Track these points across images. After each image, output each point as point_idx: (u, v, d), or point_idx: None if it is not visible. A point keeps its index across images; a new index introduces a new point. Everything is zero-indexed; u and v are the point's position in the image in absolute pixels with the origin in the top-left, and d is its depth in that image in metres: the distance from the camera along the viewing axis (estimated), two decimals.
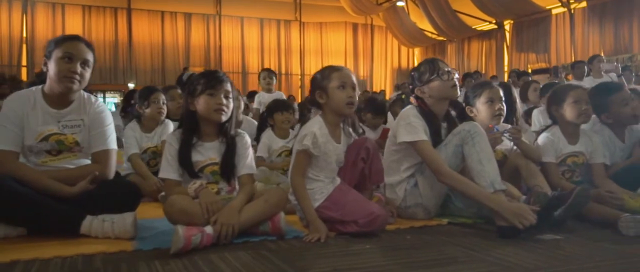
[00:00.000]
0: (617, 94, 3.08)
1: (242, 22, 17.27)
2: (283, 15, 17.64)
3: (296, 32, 17.86)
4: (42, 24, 15.78)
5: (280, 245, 2.26)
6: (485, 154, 2.56)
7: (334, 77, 2.51)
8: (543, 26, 14.70)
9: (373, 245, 2.26)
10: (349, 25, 18.43)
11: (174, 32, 16.68)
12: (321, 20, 18.07)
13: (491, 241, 2.33)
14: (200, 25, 16.96)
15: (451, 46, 17.48)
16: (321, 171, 2.52)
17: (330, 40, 18.29)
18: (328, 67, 2.60)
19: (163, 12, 16.58)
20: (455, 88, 2.74)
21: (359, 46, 18.62)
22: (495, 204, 2.42)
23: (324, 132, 2.51)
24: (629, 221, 2.44)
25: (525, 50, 15.30)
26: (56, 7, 15.83)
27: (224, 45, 17.07)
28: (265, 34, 17.52)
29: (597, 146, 3.04)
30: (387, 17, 17.60)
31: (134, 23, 16.38)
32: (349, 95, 2.50)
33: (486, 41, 16.52)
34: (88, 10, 16.09)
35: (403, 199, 2.77)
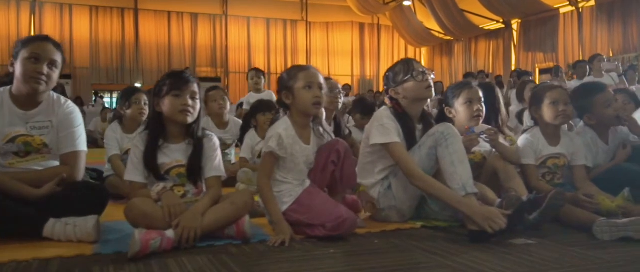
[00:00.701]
0: (600, 95, 3.01)
1: (249, 22, 17.28)
2: (289, 15, 17.63)
3: (302, 32, 17.84)
4: (50, 24, 15.91)
5: (243, 249, 2.22)
6: (458, 156, 2.50)
7: (300, 77, 2.47)
8: (551, 25, 14.55)
9: (338, 249, 2.22)
10: (356, 25, 18.37)
11: (180, 32, 16.73)
12: (328, 20, 18.02)
13: (461, 246, 2.28)
14: (207, 25, 16.99)
15: (458, 46, 17.36)
16: (289, 172, 2.49)
17: (336, 40, 18.23)
18: (294, 67, 2.56)
19: (170, 12, 16.63)
20: (430, 89, 2.69)
21: (366, 46, 18.54)
22: (466, 207, 2.37)
23: (290, 133, 2.47)
24: (604, 225, 2.38)
25: (533, 49, 15.16)
26: (64, 8, 15.94)
27: (230, 45, 17.09)
28: (271, 33, 17.52)
29: (578, 147, 2.98)
30: (394, 16, 17.51)
31: (140, 23, 16.45)
32: (316, 95, 2.46)
33: (493, 40, 16.38)
34: (95, 10, 16.19)
35: (377, 202, 2.72)
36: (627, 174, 2.83)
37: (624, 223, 2.35)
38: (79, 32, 16.04)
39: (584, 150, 2.98)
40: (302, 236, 2.42)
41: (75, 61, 15.93)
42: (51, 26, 15.86)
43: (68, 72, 15.87)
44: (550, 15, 14.50)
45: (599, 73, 7.18)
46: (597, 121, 3.08)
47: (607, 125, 3.07)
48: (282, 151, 2.43)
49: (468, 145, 2.77)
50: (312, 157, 2.55)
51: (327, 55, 18.08)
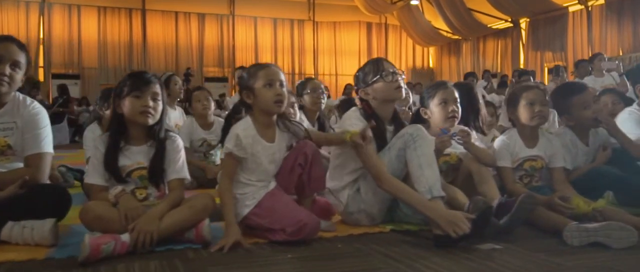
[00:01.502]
0: (578, 96, 2.94)
1: (256, 22, 17.27)
2: (296, 14, 17.59)
3: (309, 32, 17.79)
4: (59, 25, 16.02)
5: (201, 253, 2.19)
6: (426, 158, 2.45)
7: (260, 76, 2.42)
8: (560, 24, 14.37)
9: (297, 254, 2.18)
10: (363, 25, 18.28)
11: (187, 32, 16.77)
12: (335, 19, 17.95)
13: (424, 251, 2.23)
14: (214, 25, 17.01)
15: (466, 45, 17.22)
16: (252, 173, 2.44)
17: (343, 39, 18.16)
18: (254, 66, 2.51)
19: (177, 12, 16.68)
20: (400, 90, 2.64)
21: (373, 45, 18.44)
22: (431, 211, 2.32)
23: (249, 133, 2.42)
24: (574, 230, 2.31)
25: (542, 48, 14.98)
26: (72, 9, 16.04)
27: (237, 45, 17.10)
28: (278, 33, 17.49)
29: (556, 149, 2.91)
30: (402, 16, 17.41)
31: (148, 24, 16.52)
32: (277, 93, 2.41)
33: (502, 40, 16.23)
34: (103, 11, 16.28)
35: (346, 205, 2.67)
36: (606, 176, 2.75)
37: (595, 228, 2.28)
38: (87, 33, 16.13)
39: (562, 152, 2.90)
40: (264, 240, 2.38)
41: (83, 61, 16.04)
42: (60, 27, 15.97)
43: (76, 72, 16.02)
44: (559, 14, 14.33)
45: (600, 72, 7.05)
46: (575, 122, 3.01)
47: (586, 126, 2.99)
48: (241, 151, 2.38)
49: (440, 146, 2.71)
50: (278, 154, 2.50)
51: (334, 55, 18.00)
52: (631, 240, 2.23)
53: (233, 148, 2.38)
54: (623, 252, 2.20)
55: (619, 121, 3.22)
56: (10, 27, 15.62)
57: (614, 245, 2.24)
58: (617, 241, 2.23)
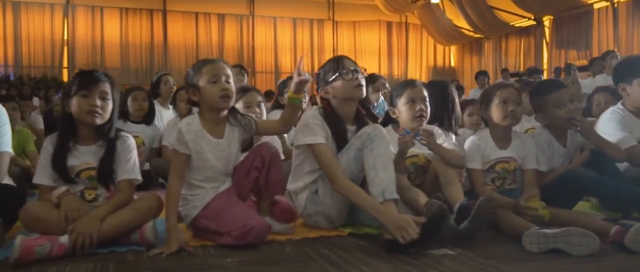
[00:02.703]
0: (553, 94, 2.80)
1: (275, 22, 17.25)
2: (316, 14, 17.51)
3: (329, 32, 17.69)
4: (82, 26, 16.26)
5: (141, 257, 2.14)
6: (381, 159, 2.36)
7: (204, 72, 2.37)
8: (585, 21, 13.94)
9: (238, 258, 2.12)
10: (383, 24, 18.08)
11: (207, 32, 16.84)
12: (355, 19, 17.82)
13: (372, 256, 2.15)
14: (234, 25, 17.05)
15: (488, 44, 16.88)
16: (200, 171, 2.38)
17: (363, 39, 18.00)
18: (199, 62, 2.46)
19: (197, 13, 16.76)
20: (360, 88, 2.55)
21: (393, 45, 18.23)
22: (381, 215, 2.24)
23: (193, 128, 2.36)
24: (533, 236, 2.21)
25: (566, 47, 14.57)
26: (95, 10, 16.27)
27: (256, 45, 17.10)
28: (298, 33, 17.44)
29: (530, 150, 2.78)
30: (422, 14, 17.18)
31: (169, 24, 16.64)
32: (222, 88, 2.35)
33: (524, 38, 15.85)
34: (125, 12, 16.47)
35: (304, 207, 2.60)
36: (580, 179, 2.61)
37: (554, 233, 2.17)
38: (110, 34, 16.35)
39: (535, 153, 2.78)
40: (213, 243, 2.33)
41: (106, 62, 16.24)
42: (83, 28, 16.22)
43: None
44: (584, 11, 13.91)
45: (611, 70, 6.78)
46: (549, 122, 2.87)
47: (561, 127, 2.85)
48: (182, 146, 2.33)
49: (403, 147, 2.63)
50: (228, 151, 2.44)
51: (354, 55, 17.80)
52: (591, 247, 2.11)
53: (175, 143, 2.33)
54: (582, 260, 2.09)
55: (601, 121, 3.07)
56: (36, 29, 15.95)
57: (573, 252, 2.12)
58: (577, 247, 2.12)
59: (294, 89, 2.40)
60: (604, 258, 2.10)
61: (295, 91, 2.40)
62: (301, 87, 2.39)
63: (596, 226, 2.36)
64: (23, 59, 15.86)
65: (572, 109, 2.77)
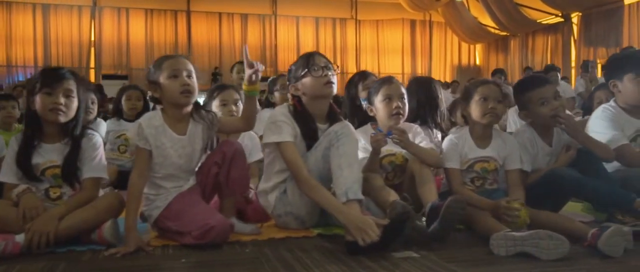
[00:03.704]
0: (536, 90, 2.68)
1: (298, 22, 17.21)
2: (339, 13, 17.40)
3: (352, 31, 17.55)
4: (109, 27, 16.52)
5: (96, 256, 2.12)
6: (347, 158, 2.30)
7: (165, 68, 2.34)
8: (615, 18, 13.51)
9: (193, 259, 2.09)
10: (407, 22, 17.85)
11: (231, 32, 16.91)
12: (377, 17, 17.65)
13: (329, 258, 2.09)
14: (256, 25, 17.08)
15: (514, 41, 16.53)
16: (161, 168, 2.35)
17: (386, 37, 17.81)
18: (160, 58, 2.43)
19: (220, 13, 16.84)
20: (329, 86, 2.49)
21: (417, 43, 17.98)
22: (342, 215, 2.18)
23: (155, 123, 2.33)
24: (500, 239, 2.12)
25: (595, 44, 14.15)
26: (121, 12, 16.51)
27: (279, 44, 17.10)
28: (320, 32, 17.36)
29: (511, 150, 2.67)
30: (446, 12, 16.91)
31: (193, 25, 16.76)
32: (183, 83, 2.32)
33: (552, 35, 15.46)
34: (150, 13, 16.66)
35: (274, 207, 2.55)
36: (563, 179, 2.49)
37: (522, 236, 2.07)
38: (135, 35, 16.56)
39: (518, 152, 2.66)
40: (175, 243, 2.29)
41: (131, 62, 16.48)
42: (109, 29, 16.47)
43: (125, 73, 16.47)
44: (614, 7, 13.47)
45: None
46: (533, 119, 2.75)
47: (545, 125, 2.73)
48: (142, 141, 2.30)
49: (375, 146, 2.55)
50: (190, 148, 2.41)
51: (376, 54, 17.69)
52: (561, 251, 2.01)
53: (135, 137, 2.31)
54: (550, 265, 1.99)
55: (592, 118, 2.95)
56: (64, 31, 16.27)
57: (542, 256, 2.02)
58: (546, 251, 2.02)
59: (247, 80, 2.35)
60: (574, 263, 2.00)
61: (250, 83, 2.35)
62: (255, 79, 2.34)
63: (575, 229, 2.26)
64: (52, 60, 16.18)
65: (557, 105, 2.64)
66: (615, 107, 2.90)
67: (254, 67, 2.30)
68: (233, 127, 2.58)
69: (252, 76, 2.32)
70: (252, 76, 2.32)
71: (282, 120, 2.44)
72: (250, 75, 2.32)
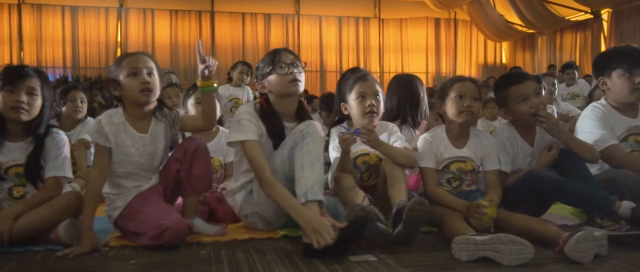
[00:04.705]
0: (514, 86, 2.56)
1: (321, 21, 17.12)
2: (362, 12, 17.24)
3: (375, 29, 17.36)
4: (134, 28, 16.75)
5: (49, 257, 2.10)
6: (309, 158, 2.23)
7: (124, 65, 2.31)
8: None
9: (143, 261, 2.05)
10: (431, 20, 17.56)
11: (254, 32, 16.94)
12: (401, 16, 17.41)
13: (284, 261, 2.03)
14: (279, 25, 17.07)
15: (542, 39, 16.13)
16: (121, 166, 2.32)
17: (410, 36, 17.55)
18: (121, 55, 2.40)
19: (244, 13, 16.89)
20: (295, 84, 2.42)
21: (441, 42, 17.67)
22: (300, 217, 2.12)
23: (115, 120, 2.31)
24: (462, 243, 2.02)
25: (626, 41, 13.64)
26: (146, 13, 16.72)
27: (302, 44, 17.03)
28: (343, 32, 17.22)
29: (489, 150, 2.56)
30: (472, 10, 16.59)
31: (216, 25, 16.87)
32: (142, 81, 2.28)
33: (581, 32, 15.03)
34: (175, 14, 16.83)
35: (241, 208, 2.50)
36: (541, 180, 2.37)
37: (483, 241, 1.97)
38: (160, 36, 16.75)
39: (495, 152, 2.56)
40: (135, 243, 2.26)
41: None
42: (135, 30, 16.70)
43: None
44: None
45: None
46: (512, 117, 2.63)
47: (526, 123, 2.61)
48: (101, 138, 2.28)
49: (343, 146, 2.47)
50: (153, 146, 2.38)
51: (400, 53, 17.45)
52: (523, 256, 1.91)
53: (94, 134, 2.28)
54: (511, 271, 1.87)
55: (581, 117, 2.81)
56: (91, 32, 16.54)
57: (504, 261, 1.92)
58: (507, 256, 1.92)
59: (200, 76, 2.31)
60: (536, 269, 1.90)
61: (204, 78, 2.30)
62: (208, 74, 2.29)
63: (548, 233, 2.15)
64: (80, 60, 16.50)
65: (537, 103, 2.52)
66: (606, 105, 2.76)
67: (206, 62, 2.24)
68: (194, 125, 2.53)
69: (205, 71, 2.26)
70: (205, 71, 2.26)
71: (246, 119, 2.39)
72: (202, 71, 2.27)
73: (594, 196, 2.28)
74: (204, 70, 2.27)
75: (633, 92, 2.66)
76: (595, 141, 2.63)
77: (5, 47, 16.02)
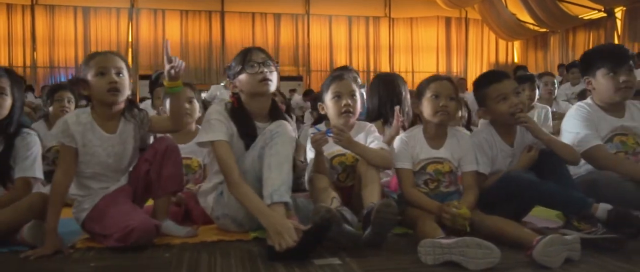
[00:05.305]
0: (493, 86, 2.50)
1: (330, 20, 17.08)
2: (372, 11, 17.16)
3: (385, 29, 17.28)
4: (146, 28, 16.85)
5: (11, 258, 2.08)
6: (277, 158, 2.19)
7: (93, 65, 2.28)
8: None
9: (104, 263, 2.03)
10: (441, 20, 17.43)
11: (264, 32, 16.95)
12: (412, 15, 17.30)
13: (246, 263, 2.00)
14: (289, 24, 17.06)
15: (554, 38, 15.91)
16: (88, 166, 2.29)
17: (421, 35, 17.43)
18: (90, 54, 2.37)
19: (254, 13, 16.91)
20: (265, 83, 2.37)
21: (452, 41, 17.54)
22: (264, 219, 2.08)
23: (82, 120, 2.28)
24: (428, 246, 1.97)
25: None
26: (157, 13, 16.81)
27: (312, 43, 17.01)
28: (353, 31, 17.17)
29: (466, 150, 2.50)
30: (483, 9, 16.42)
31: (226, 25, 16.90)
32: (110, 81, 2.25)
33: (594, 31, 14.80)
34: (185, 14, 16.90)
35: (212, 209, 2.46)
36: (517, 182, 2.31)
37: (449, 244, 1.92)
38: (171, 35, 16.76)
39: (473, 153, 2.50)
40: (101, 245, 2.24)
41: None
42: (146, 30, 16.80)
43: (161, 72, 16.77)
44: None
45: None
46: (491, 117, 2.57)
47: (505, 123, 2.54)
48: (67, 138, 2.25)
49: (315, 146, 2.44)
50: (121, 147, 2.35)
51: (410, 52, 17.35)
52: (489, 260, 1.85)
53: (59, 134, 2.25)
54: None
55: (566, 117, 2.74)
56: (103, 33, 16.69)
57: (470, 265, 1.87)
58: (473, 260, 1.86)
59: (167, 76, 2.27)
60: None
61: (170, 78, 2.27)
62: (175, 74, 2.25)
63: (521, 237, 2.08)
64: None
65: (516, 102, 2.45)
66: (591, 105, 2.69)
67: (172, 62, 2.21)
68: (162, 127, 2.50)
69: (172, 72, 2.23)
70: (172, 72, 2.23)
71: (215, 119, 2.35)
72: (168, 71, 2.23)
73: (570, 198, 2.21)
74: (170, 70, 2.23)
75: (617, 91, 2.58)
76: (578, 141, 2.56)
77: (19, 48, 16.21)
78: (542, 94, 4.94)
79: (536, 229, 2.40)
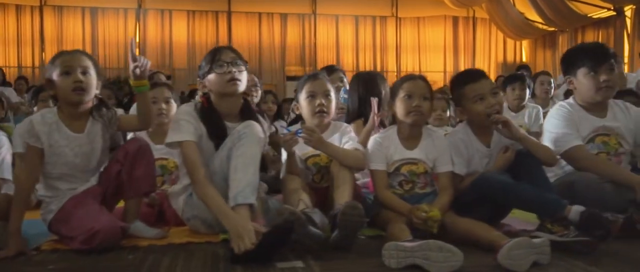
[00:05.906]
0: (469, 85, 2.45)
1: (337, 20, 17.02)
2: (379, 11, 17.07)
3: (392, 28, 17.17)
4: (153, 29, 16.90)
5: None
6: (243, 160, 2.16)
7: (58, 64, 2.27)
8: None
9: (61, 265, 2.00)
10: (449, 19, 17.29)
11: (270, 32, 16.93)
12: (419, 14, 17.18)
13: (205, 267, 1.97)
14: (296, 24, 17.02)
15: (563, 37, 15.72)
16: (54, 167, 2.27)
17: (428, 35, 17.31)
18: (57, 53, 2.35)
19: (260, 13, 16.89)
20: (233, 83, 2.35)
21: (460, 40, 17.38)
22: (226, 221, 2.06)
23: (48, 120, 2.26)
24: (392, 249, 1.93)
25: None
26: (164, 14, 16.85)
27: (318, 43, 16.97)
28: (360, 31, 17.08)
29: (441, 151, 2.46)
30: (491, 8, 16.27)
31: (233, 25, 16.90)
32: (75, 80, 2.23)
33: (603, 30, 14.59)
34: (192, 15, 16.93)
35: (183, 211, 2.44)
36: (490, 184, 2.26)
37: (412, 247, 1.88)
38: (178, 36, 16.86)
39: (448, 154, 2.45)
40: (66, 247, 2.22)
41: (174, 63, 16.79)
42: (153, 31, 16.85)
43: (168, 73, 16.75)
44: None
45: None
46: (468, 117, 2.51)
47: (481, 123, 2.48)
48: (33, 138, 2.23)
49: (285, 147, 2.40)
50: (89, 147, 2.33)
51: (417, 52, 17.23)
52: (451, 264, 1.81)
53: (24, 134, 2.23)
54: None
55: (548, 116, 2.69)
56: (110, 33, 16.76)
57: (432, 269, 1.83)
58: (436, 264, 1.82)
59: (132, 75, 2.24)
60: None
61: (136, 78, 2.24)
62: (140, 73, 2.22)
63: (490, 239, 2.03)
64: (99, 61, 16.64)
65: (493, 103, 2.40)
66: (573, 104, 2.63)
67: (137, 61, 2.18)
68: (130, 125, 2.47)
69: (136, 70, 2.20)
70: (136, 70, 2.20)
71: (183, 119, 2.33)
72: (133, 70, 2.21)
73: (544, 200, 2.16)
74: (134, 69, 2.21)
75: (598, 91, 2.52)
76: (558, 141, 2.50)
77: (28, 49, 16.33)
78: (539, 93, 4.87)
79: (513, 232, 2.35)
